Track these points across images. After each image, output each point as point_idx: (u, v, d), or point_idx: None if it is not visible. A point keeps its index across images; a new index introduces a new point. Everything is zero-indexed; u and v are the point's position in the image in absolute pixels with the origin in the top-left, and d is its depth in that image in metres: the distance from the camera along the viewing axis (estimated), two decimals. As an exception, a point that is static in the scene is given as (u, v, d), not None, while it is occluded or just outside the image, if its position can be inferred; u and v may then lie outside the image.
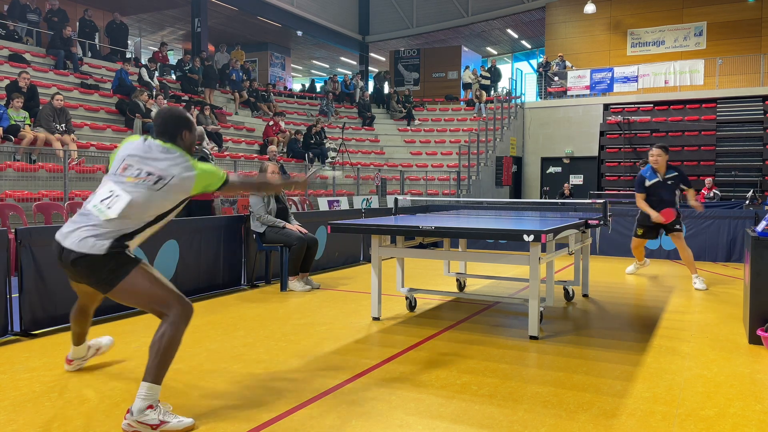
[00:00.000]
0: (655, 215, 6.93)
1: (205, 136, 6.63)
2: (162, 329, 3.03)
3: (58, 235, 3.13)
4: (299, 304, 5.98)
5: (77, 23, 17.12)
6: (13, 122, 9.95)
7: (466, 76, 23.24)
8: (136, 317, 5.33)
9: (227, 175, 3.27)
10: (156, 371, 2.99)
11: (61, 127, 10.56)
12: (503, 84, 22.63)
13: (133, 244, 3.18)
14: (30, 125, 10.26)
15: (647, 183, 7.04)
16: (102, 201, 3.10)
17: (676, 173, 6.92)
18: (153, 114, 13.10)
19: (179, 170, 3.13)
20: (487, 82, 22.50)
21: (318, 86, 25.85)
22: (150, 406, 2.94)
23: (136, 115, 12.83)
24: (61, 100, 10.87)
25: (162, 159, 3.14)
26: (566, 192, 17.55)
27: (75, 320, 3.65)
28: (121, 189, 3.10)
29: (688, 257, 7.00)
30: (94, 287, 3.13)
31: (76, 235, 3.05)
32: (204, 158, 6.03)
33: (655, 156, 6.86)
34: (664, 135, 19.20)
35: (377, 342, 4.56)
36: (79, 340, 3.73)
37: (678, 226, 7.03)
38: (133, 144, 3.24)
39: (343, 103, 22.24)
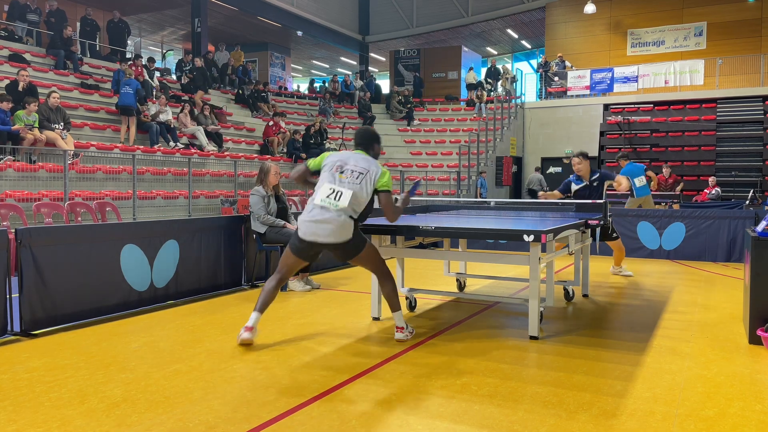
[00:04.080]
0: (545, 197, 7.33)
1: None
2: (387, 284, 4.59)
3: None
4: (299, 304, 5.98)
5: (78, 23, 17.12)
6: (23, 125, 9.95)
7: (471, 77, 23.24)
8: (136, 317, 5.33)
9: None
10: (397, 303, 4.57)
11: (59, 126, 10.56)
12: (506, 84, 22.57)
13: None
14: (39, 128, 10.25)
15: (574, 187, 7.11)
16: (327, 197, 4.36)
17: (598, 174, 7.01)
18: (153, 113, 13.11)
19: (375, 167, 4.44)
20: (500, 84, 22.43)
21: (317, 86, 25.81)
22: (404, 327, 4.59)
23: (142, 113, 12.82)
24: (57, 98, 10.84)
25: (363, 161, 4.45)
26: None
27: (275, 288, 4.56)
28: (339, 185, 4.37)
29: (619, 256, 7.41)
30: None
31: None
32: None
33: (576, 164, 6.90)
34: (664, 135, 19.20)
35: (377, 342, 4.56)
36: (264, 307, 4.53)
37: (615, 234, 7.15)
38: (338, 154, 4.55)
39: (343, 103, 22.23)
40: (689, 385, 3.60)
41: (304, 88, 27.40)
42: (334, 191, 4.33)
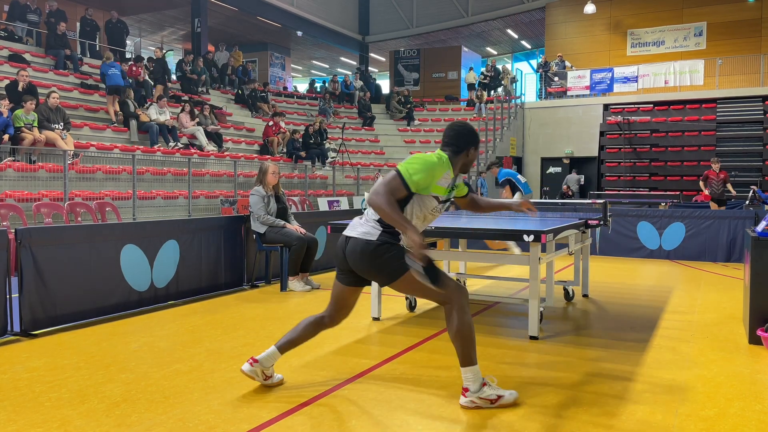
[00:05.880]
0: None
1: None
2: (453, 319, 3.16)
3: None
4: (299, 304, 5.98)
5: (78, 23, 17.11)
6: (22, 124, 9.95)
7: (471, 77, 23.22)
8: (136, 317, 5.33)
9: (399, 183, 3.21)
10: (468, 355, 3.19)
11: (59, 126, 10.55)
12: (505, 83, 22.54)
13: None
14: (38, 128, 10.24)
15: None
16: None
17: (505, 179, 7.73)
18: (153, 116, 13.10)
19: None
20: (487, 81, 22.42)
21: (317, 86, 25.81)
22: (483, 384, 3.21)
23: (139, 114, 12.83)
24: (57, 98, 10.84)
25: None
26: (569, 192, 17.62)
27: (310, 330, 3.48)
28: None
29: None
30: (375, 278, 3.23)
31: (359, 229, 3.25)
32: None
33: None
34: (664, 135, 19.21)
35: (377, 342, 4.56)
36: (288, 348, 3.49)
37: None
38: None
39: (343, 103, 22.23)
40: (689, 385, 3.60)
41: (303, 88, 27.37)
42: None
